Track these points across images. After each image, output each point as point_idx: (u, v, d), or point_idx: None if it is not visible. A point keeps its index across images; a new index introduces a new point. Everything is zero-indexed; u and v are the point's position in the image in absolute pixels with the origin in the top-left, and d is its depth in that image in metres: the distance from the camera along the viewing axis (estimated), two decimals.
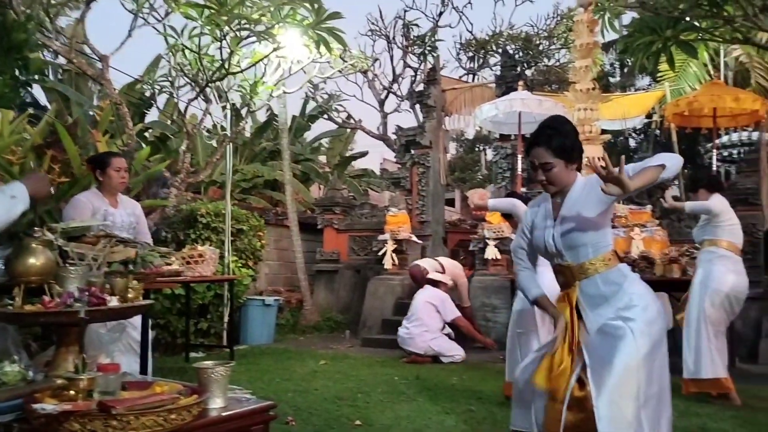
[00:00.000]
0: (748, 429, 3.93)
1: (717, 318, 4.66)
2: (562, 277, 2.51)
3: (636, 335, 2.29)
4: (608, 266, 2.41)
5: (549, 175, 2.45)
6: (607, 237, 2.47)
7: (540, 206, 2.59)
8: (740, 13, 6.56)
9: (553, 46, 13.85)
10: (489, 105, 7.48)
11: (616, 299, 2.37)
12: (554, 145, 2.41)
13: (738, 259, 4.73)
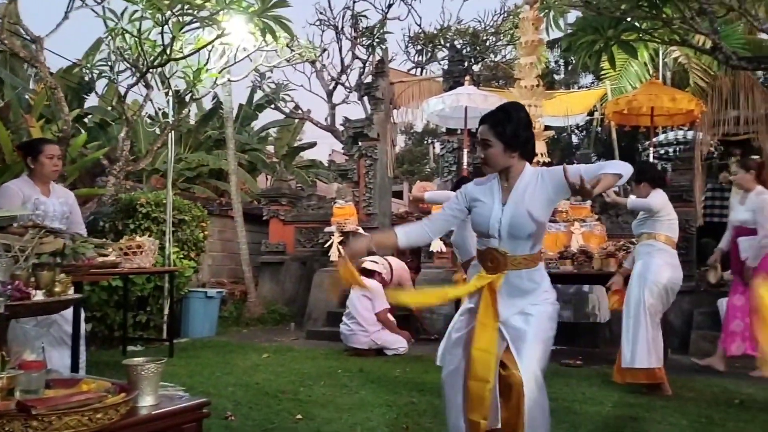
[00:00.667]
0: (678, 418, 4.07)
1: (654, 309, 4.77)
2: (491, 262, 2.54)
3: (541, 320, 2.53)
4: (536, 264, 2.56)
5: (486, 153, 2.53)
6: (543, 236, 2.60)
7: (487, 185, 2.62)
8: (678, 16, 6.78)
9: (499, 42, 14.03)
10: (436, 99, 7.52)
11: (532, 296, 2.54)
12: (498, 127, 2.49)
13: (674, 252, 4.86)
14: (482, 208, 2.56)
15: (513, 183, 2.53)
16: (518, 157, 2.54)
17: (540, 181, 2.50)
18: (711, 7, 6.52)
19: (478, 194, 2.61)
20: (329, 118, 14.15)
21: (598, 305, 7.45)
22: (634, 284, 4.83)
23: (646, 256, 4.81)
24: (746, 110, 8.12)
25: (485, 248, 2.58)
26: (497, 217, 2.51)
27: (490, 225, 2.52)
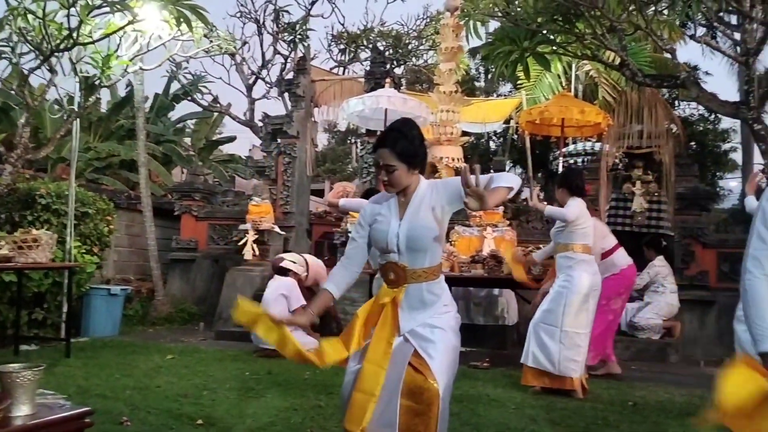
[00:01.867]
0: (576, 420, 4.22)
1: (580, 321, 4.87)
2: (393, 275, 2.55)
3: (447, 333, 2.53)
4: (436, 277, 2.56)
5: (391, 177, 2.50)
6: (441, 250, 2.60)
7: (384, 202, 2.62)
8: (590, 32, 7.07)
9: (422, 47, 14.17)
10: (356, 100, 7.50)
11: (432, 308, 2.55)
12: (398, 149, 2.47)
13: (591, 259, 5.00)
14: (381, 225, 2.57)
15: (409, 198, 2.55)
16: (417, 173, 2.57)
17: (434, 192, 2.53)
18: (621, 25, 6.84)
19: (377, 212, 2.62)
20: (248, 113, 13.85)
21: (507, 308, 7.65)
22: (554, 296, 4.94)
23: (567, 270, 4.93)
24: (649, 125, 8.56)
25: (386, 263, 2.58)
26: (395, 232, 2.52)
27: (389, 240, 2.53)
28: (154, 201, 9.52)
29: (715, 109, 6.75)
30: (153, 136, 15.48)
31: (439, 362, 2.48)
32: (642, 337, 7.13)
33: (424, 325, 2.54)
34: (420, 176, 2.58)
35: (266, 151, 9.80)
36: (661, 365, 6.74)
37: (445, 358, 2.50)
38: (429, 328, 2.53)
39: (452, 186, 2.46)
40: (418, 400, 2.46)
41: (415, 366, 2.49)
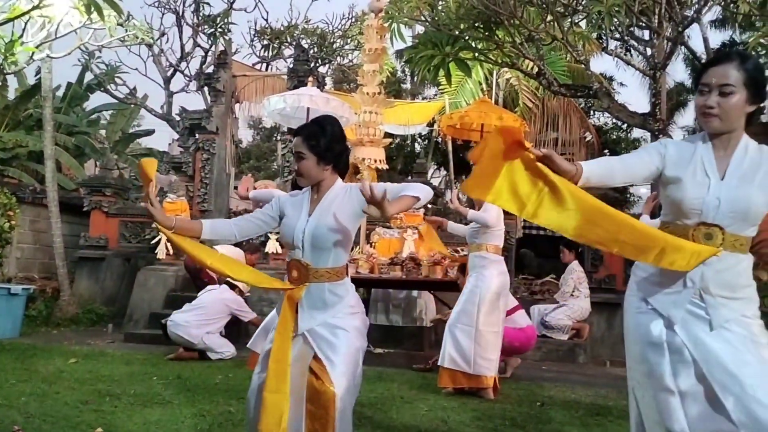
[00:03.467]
0: (485, 421, 4.28)
1: (493, 320, 4.96)
2: (296, 272, 2.54)
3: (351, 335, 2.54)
4: (339, 278, 2.56)
5: (300, 165, 2.56)
6: (348, 251, 2.61)
7: (298, 197, 2.66)
8: (509, 40, 7.25)
9: (347, 46, 14.13)
10: (277, 97, 7.36)
11: (334, 309, 2.54)
12: (312, 140, 2.52)
13: (502, 259, 5.13)
14: (290, 220, 2.58)
15: (322, 196, 2.57)
16: (331, 170, 2.58)
17: (348, 195, 2.54)
18: (538, 35, 7.05)
19: (290, 206, 2.63)
20: (166, 106, 13.38)
21: (425, 310, 7.73)
22: (467, 295, 5.02)
23: (479, 269, 5.02)
24: (564, 133, 8.86)
25: (291, 260, 2.58)
26: (301, 227, 2.53)
27: (295, 235, 2.53)
28: (63, 196, 9.05)
29: (624, 119, 7.07)
30: (65, 127, 14.74)
31: (340, 366, 2.47)
32: (552, 338, 7.36)
33: (326, 325, 2.52)
34: (337, 177, 2.60)
35: (183, 146, 9.49)
36: (570, 365, 6.99)
37: (346, 360, 2.50)
38: (331, 329, 2.52)
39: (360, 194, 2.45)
40: (316, 404, 2.46)
41: (314, 370, 2.48)
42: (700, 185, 2.03)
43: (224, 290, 6.70)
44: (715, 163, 2.05)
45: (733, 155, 2.06)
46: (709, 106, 2.01)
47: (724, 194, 2.00)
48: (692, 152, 2.09)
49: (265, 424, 2.42)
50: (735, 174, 2.03)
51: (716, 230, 2.00)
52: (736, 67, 2.01)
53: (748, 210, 2.00)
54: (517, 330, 5.73)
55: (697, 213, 2.02)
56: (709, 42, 6.59)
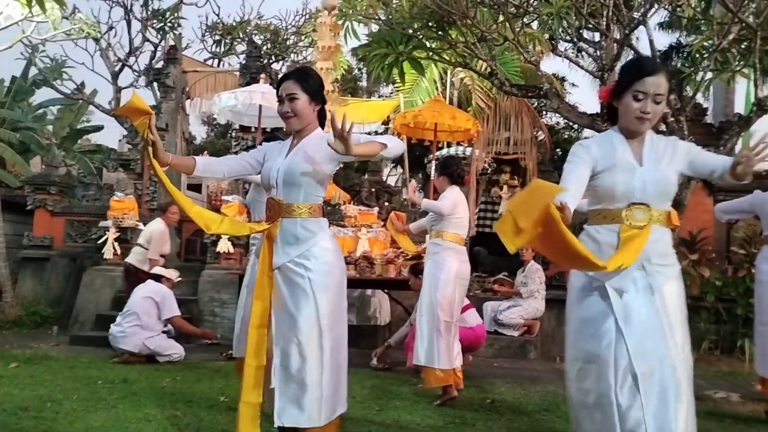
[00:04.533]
0: (436, 420, 4.30)
1: (448, 309, 4.75)
2: (271, 211, 2.71)
3: (315, 291, 2.61)
4: (312, 215, 2.68)
5: (293, 106, 2.67)
6: (321, 191, 2.74)
7: (280, 144, 2.84)
8: (462, 40, 7.29)
9: (301, 43, 13.99)
10: (228, 94, 7.24)
11: (306, 244, 2.65)
12: (302, 80, 2.69)
13: (462, 249, 4.94)
14: (269, 162, 2.75)
15: (301, 141, 2.73)
16: (316, 116, 2.75)
17: (322, 140, 2.61)
18: (491, 35, 7.10)
19: (272, 150, 2.80)
20: (114, 102, 13.03)
21: (379, 308, 7.72)
22: (426, 285, 4.85)
23: (435, 256, 4.85)
24: (516, 132, 8.98)
25: (268, 199, 2.75)
26: (277, 167, 2.68)
27: (271, 175, 2.69)
28: (5, 193, 8.75)
29: (574, 119, 7.18)
30: (9, 122, 14.26)
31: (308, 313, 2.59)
32: (504, 334, 7.46)
33: (297, 264, 2.63)
34: (318, 126, 2.76)
35: (132, 143, 9.25)
36: (522, 362, 7.09)
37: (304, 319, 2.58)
38: (302, 271, 2.62)
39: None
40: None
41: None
42: (628, 172, 2.32)
43: (147, 284, 6.44)
44: (632, 154, 2.37)
45: (644, 145, 2.39)
46: (647, 112, 2.29)
47: (647, 177, 2.32)
48: (612, 147, 2.38)
49: (250, 357, 2.62)
50: (650, 160, 2.36)
51: (645, 207, 2.31)
52: (665, 78, 2.33)
53: (667, 187, 2.36)
54: (467, 329, 5.69)
55: (627, 196, 2.31)
56: (655, 44, 6.74)
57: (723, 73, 6.78)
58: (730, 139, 6.34)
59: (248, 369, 2.67)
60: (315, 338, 2.59)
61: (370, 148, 2.48)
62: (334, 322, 2.67)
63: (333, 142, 2.35)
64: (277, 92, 2.78)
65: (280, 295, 2.65)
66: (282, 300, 2.64)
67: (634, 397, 2.17)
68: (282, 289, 2.65)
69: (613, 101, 2.40)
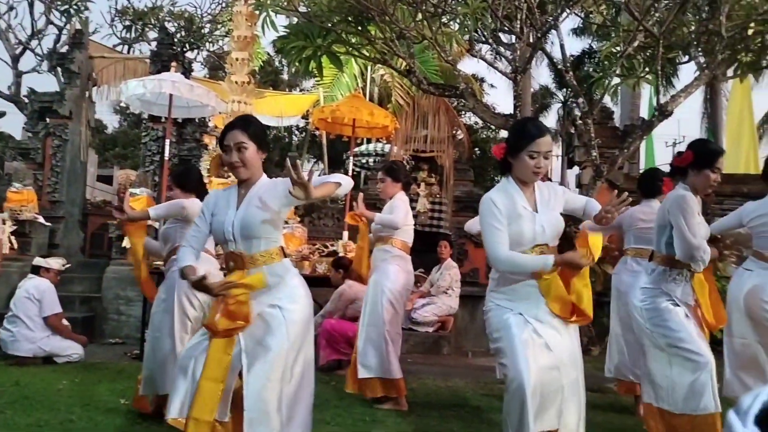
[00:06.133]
0: (345, 418, 4.25)
1: (393, 318, 4.67)
2: (233, 263, 2.68)
3: (288, 322, 2.61)
4: (275, 260, 2.67)
5: (242, 156, 2.65)
6: (279, 234, 2.75)
7: (225, 193, 2.80)
8: (381, 37, 7.28)
9: (217, 32, 13.56)
10: (136, 82, 6.90)
11: (277, 289, 2.66)
12: (250, 129, 2.66)
13: (408, 258, 4.83)
14: (219, 216, 2.72)
15: (248, 190, 2.70)
16: (260, 162, 2.73)
17: (274, 186, 2.67)
18: (409, 33, 7.12)
19: (217, 204, 2.77)
20: (14, 87, 12.21)
21: None
22: (371, 292, 4.72)
23: (383, 263, 4.74)
24: (434, 131, 9.06)
25: (226, 253, 2.73)
26: (230, 221, 2.66)
27: (225, 229, 2.67)
28: None
29: (488, 120, 7.32)
30: None
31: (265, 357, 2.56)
32: (418, 331, 7.51)
33: (273, 306, 2.63)
34: (263, 172, 2.75)
35: (32, 131, 8.69)
36: (435, 357, 7.16)
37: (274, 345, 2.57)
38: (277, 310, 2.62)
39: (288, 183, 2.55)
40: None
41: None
42: (529, 220, 2.68)
43: (29, 278, 5.99)
44: (527, 202, 2.73)
45: (535, 193, 2.76)
46: (540, 167, 2.68)
47: (544, 221, 2.70)
48: (512, 198, 2.71)
49: (198, 411, 2.51)
50: (542, 205, 2.74)
51: (545, 247, 2.70)
52: (551, 136, 2.77)
53: (559, 227, 2.76)
54: None
55: (531, 240, 2.67)
56: (566, 49, 6.96)
57: (629, 78, 7.11)
58: (633, 142, 6.65)
59: (194, 424, 2.51)
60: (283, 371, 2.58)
61: (327, 190, 2.58)
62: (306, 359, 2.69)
63: (293, 190, 2.42)
64: (221, 141, 2.74)
65: (254, 334, 2.61)
66: (256, 337, 2.61)
67: None
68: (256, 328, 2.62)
69: (507, 157, 2.74)
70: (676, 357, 3.15)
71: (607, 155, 6.90)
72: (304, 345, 2.69)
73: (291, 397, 2.61)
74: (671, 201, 3.25)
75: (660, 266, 3.30)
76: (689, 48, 6.76)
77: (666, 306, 3.21)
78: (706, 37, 6.53)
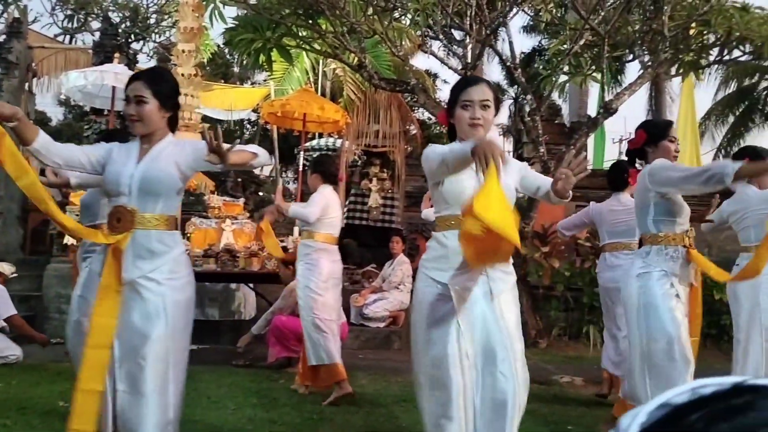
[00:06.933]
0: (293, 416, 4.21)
1: (326, 307, 4.74)
2: (118, 221, 2.47)
3: (168, 308, 2.45)
4: (168, 228, 2.52)
5: (140, 110, 2.48)
6: (178, 202, 2.60)
7: (126, 146, 2.59)
8: (332, 31, 7.22)
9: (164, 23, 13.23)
10: (77, 73, 6.68)
11: (161, 259, 2.47)
12: (154, 84, 2.50)
13: (334, 248, 4.90)
14: (116, 165, 2.51)
15: (152, 146, 2.54)
16: (166, 122, 2.58)
17: (181, 148, 2.54)
18: (360, 27, 7.08)
19: (116, 152, 2.56)
20: None
21: (244, 303, 7.51)
22: (300, 288, 4.80)
23: (306, 257, 4.79)
24: (386, 126, 9.06)
25: (114, 207, 2.51)
26: (129, 172, 2.47)
27: (121, 181, 2.47)
28: None
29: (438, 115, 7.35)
30: None
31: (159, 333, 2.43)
32: (370, 326, 7.51)
33: (149, 279, 2.44)
34: (169, 131, 2.59)
35: None
36: (386, 352, 7.16)
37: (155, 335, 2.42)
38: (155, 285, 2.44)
39: (198, 145, 2.49)
40: None
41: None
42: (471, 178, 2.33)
43: None
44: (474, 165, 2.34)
45: None
46: (477, 117, 2.37)
47: None
48: None
49: (85, 380, 2.38)
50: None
51: None
52: (488, 87, 2.45)
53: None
54: None
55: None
56: (515, 46, 7.05)
57: (576, 76, 7.23)
58: (580, 139, 6.78)
59: (82, 396, 2.40)
60: (163, 358, 2.45)
61: (242, 157, 2.46)
62: (184, 340, 2.57)
63: (209, 157, 2.34)
64: (125, 90, 2.58)
65: (129, 312, 2.44)
66: (130, 318, 2.44)
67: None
68: (131, 306, 2.44)
69: (450, 120, 2.48)
70: (662, 352, 3.01)
71: (555, 151, 7.02)
72: (185, 339, 2.55)
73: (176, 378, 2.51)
74: (646, 175, 3.11)
75: (653, 246, 3.13)
76: (634, 47, 6.93)
77: (663, 292, 3.04)
78: (649, 37, 6.69)
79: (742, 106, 17.14)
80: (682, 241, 3.12)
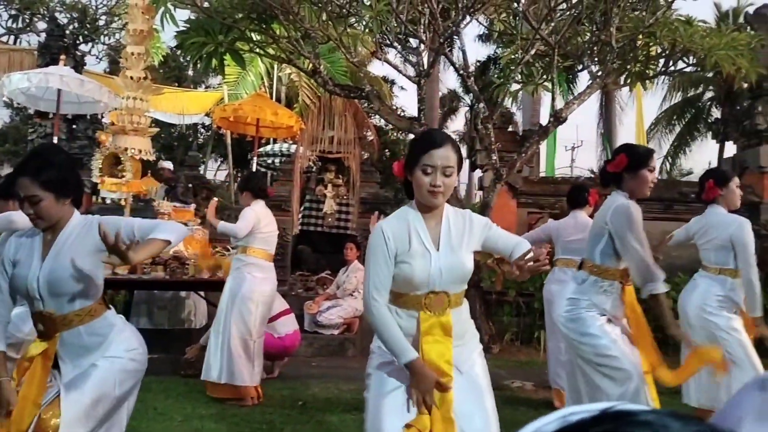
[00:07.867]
0: (243, 427, 4.16)
1: (245, 329, 4.72)
2: (42, 326, 2.32)
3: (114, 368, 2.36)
4: (93, 317, 2.34)
5: (37, 209, 2.24)
6: (97, 286, 2.37)
7: (29, 238, 2.36)
8: (286, 36, 7.16)
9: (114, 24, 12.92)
10: (20, 75, 6.44)
11: (99, 349, 2.34)
12: (42, 178, 2.23)
13: (268, 265, 4.88)
14: (21, 269, 2.29)
15: (56, 235, 2.31)
16: (69, 204, 2.34)
17: (88, 230, 2.31)
18: (314, 33, 7.05)
19: (18, 252, 2.33)
20: None
21: (194, 311, 7.36)
22: (224, 300, 4.78)
23: (236, 272, 4.80)
24: (341, 132, 9.02)
25: (34, 312, 2.33)
26: (34, 276, 2.26)
27: (29, 286, 2.27)
28: None
29: (393, 122, 7.36)
30: None
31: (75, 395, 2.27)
32: (324, 334, 7.46)
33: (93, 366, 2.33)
34: (74, 210, 2.36)
35: None
36: (340, 360, 7.12)
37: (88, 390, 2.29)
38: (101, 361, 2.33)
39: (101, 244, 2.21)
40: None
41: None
42: (424, 259, 2.17)
43: None
44: (428, 235, 2.21)
45: (441, 226, 2.23)
46: (437, 185, 2.13)
47: (443, 263, 2.18)
48: (409, 231, 2.20)
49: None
50: (446, 243, 2.22)
51: (443, 295, 2.20)
52: (453, 150, 2.17)
53: (463, 272, 2.25)
54: (275, 339, 5.52)
55: (425, 284, 2.18)
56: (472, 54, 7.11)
57: (528, 85, 7.36)
58: (531, 146, 6.88)
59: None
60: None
61: (150, 251, 2.31)
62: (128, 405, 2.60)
63: (108, 258, 2.17)
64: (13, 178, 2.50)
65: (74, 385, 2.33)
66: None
67: None
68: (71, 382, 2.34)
69: (407, 175, 2.23)
70: (604, 368, 2.95)
71: (507, 159, 7.10)
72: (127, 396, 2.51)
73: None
74: (614, 213, 2.98)
75: (591, 276, 3.07)
76: (583, 57, 7.07)
77: (592, 314, 3.01)
78: (598, 48, 6.85)
79: (688, 116, 17.74)
80: (621, 277, 3.05)
